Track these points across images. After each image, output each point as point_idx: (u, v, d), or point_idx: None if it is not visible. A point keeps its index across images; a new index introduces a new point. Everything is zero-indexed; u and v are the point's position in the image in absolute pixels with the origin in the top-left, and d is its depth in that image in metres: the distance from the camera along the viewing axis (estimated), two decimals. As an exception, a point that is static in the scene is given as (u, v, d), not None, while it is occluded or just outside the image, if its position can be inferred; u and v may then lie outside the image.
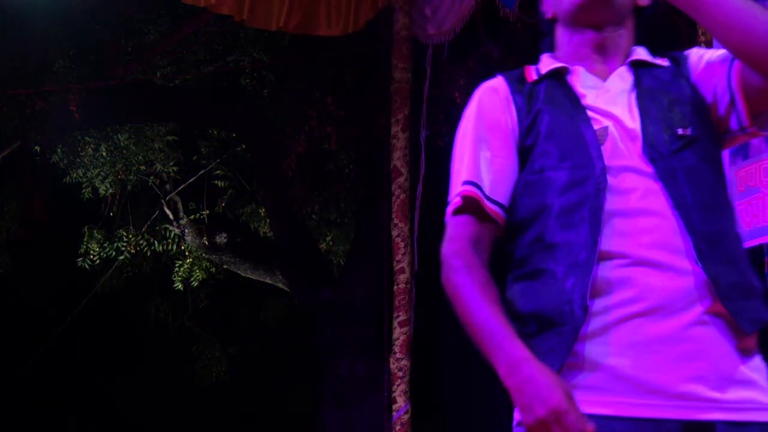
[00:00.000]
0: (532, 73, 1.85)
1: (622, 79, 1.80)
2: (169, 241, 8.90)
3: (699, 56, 1.82)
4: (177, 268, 8.99)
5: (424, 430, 8.44)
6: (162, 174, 8.51)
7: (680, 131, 1.71)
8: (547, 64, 1.86)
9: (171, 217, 8.61)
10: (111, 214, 8.74)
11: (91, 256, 8.65)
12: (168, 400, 11.73)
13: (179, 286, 9.00)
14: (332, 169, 7.57)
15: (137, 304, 10.24)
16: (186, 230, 8.47)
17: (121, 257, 8.84)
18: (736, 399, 1.53)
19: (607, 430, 1.54)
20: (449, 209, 1.79)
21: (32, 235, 6.84)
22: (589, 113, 1.76)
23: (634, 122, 1.74)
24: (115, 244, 8.76)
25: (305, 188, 7.27)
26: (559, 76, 1.83)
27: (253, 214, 8.90)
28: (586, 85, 1.81)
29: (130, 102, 7.22)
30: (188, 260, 9.00)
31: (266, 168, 7.37)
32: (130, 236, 8.83)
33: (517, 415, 1.61)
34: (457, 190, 1.77)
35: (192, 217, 8.49)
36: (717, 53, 1.79)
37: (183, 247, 8.94)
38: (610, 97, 1.79)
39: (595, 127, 1.74)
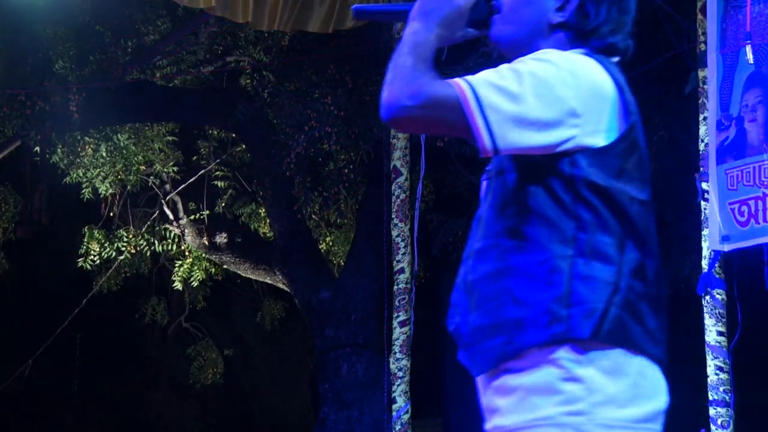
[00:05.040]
0: None
1: None
2: (169, 241, 8.89)
3: None
4: (177, 268, 8.98)
5: (424, 430, 8.45)
6: (162, 174, 8.50)
7: (488, 168, 1.68)
8: None
9: (171, 217, 8.60)
10: (111, 214, 8.73)
11: (91, 256, 8.63)
12: (166, 400, 11.73)
13: (179, 286, 9.00)
14: (332, 169, 7.56)
15: (135, 304, 10.23)
16: (186, 230, 8.46)
17: (121, 257, 8.83)
18: (491, 428, 1.68)
19: None
20: None
21: (32, 235, 6.84)
22: None
23: None
24: (115, 244, 8.74)
25: (305, 188, 7.26)
26: None
27: (253, 214, 8.88)
28: None
29: (130, 102, 7.22)
30: (188, 260, 9.00)
31: (266, 168, 7.37)
32: (130, 236, 8.82)
33: None
34: None
35: (192, 217, 8.48)
36: None
37: (183, 247, 8.93)
38: None
39: None
